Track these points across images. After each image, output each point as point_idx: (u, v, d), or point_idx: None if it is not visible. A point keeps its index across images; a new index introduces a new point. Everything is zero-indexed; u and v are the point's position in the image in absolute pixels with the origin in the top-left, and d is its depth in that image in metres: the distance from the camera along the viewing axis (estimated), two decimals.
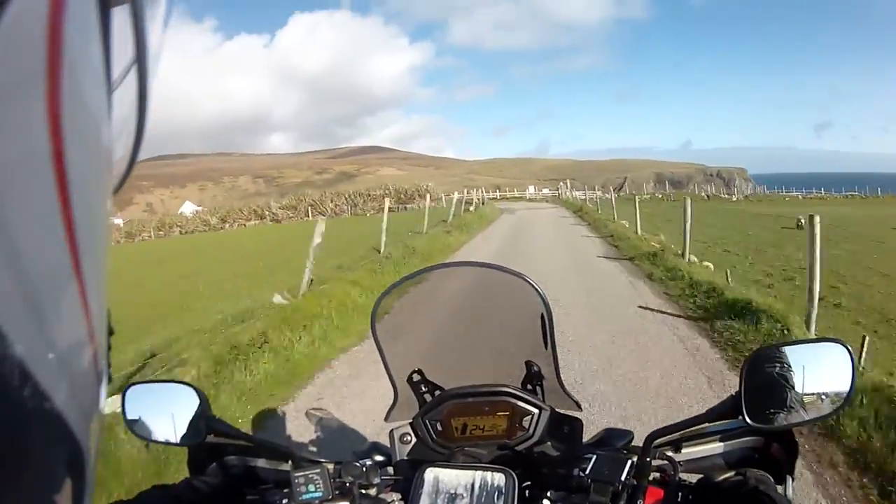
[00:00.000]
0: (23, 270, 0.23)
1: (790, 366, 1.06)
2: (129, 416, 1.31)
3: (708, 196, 75.87)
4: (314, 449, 3.39)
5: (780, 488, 1.08)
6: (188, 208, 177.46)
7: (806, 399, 1.05)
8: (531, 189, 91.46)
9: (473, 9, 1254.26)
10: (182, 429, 1.25)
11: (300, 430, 4.59)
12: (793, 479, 1.12)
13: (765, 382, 1.06)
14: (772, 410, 1.05)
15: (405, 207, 55.83)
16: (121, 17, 0.30)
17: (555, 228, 25.73)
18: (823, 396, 1.06)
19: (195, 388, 1.29)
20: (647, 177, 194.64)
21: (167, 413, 1.27)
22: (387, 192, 60.27)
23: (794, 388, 1.05)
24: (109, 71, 0.30)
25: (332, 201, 66.36)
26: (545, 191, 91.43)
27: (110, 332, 0.35)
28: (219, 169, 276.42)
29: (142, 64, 0.32)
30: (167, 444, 1.28)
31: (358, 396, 5.70)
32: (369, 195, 64.06)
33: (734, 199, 74.75)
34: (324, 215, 38.64)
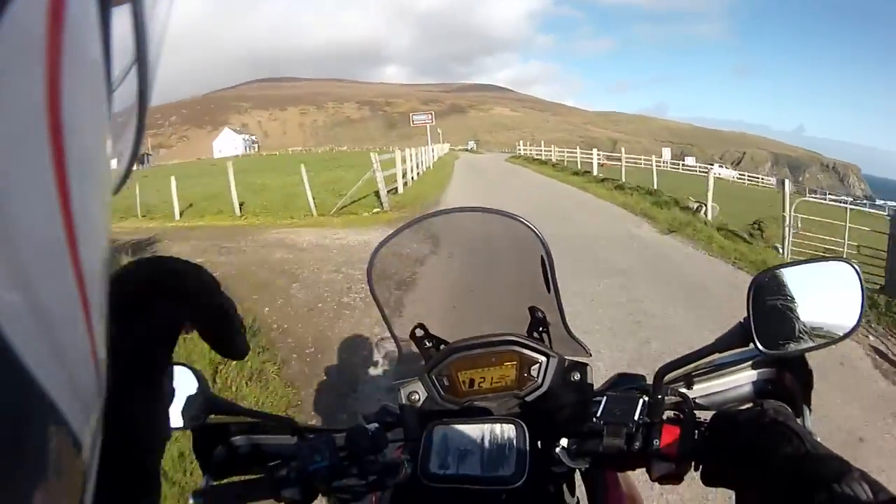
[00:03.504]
0: (22, 270, 0.23)
1: (798, 287, 1.00)
2: None
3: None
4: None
5: (798, 420, 0.96)
6: (228, 142, 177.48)
7: (815, 323, 0.99)
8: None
9: None
10: (180, 412, 1.16)
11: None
12: (810, 411, 1.04)
13: (772, 307, 1.00)
14: (782, 336, 0.99)
15: None
16: (121, 17, 0.30)
17: None
18: (833, 319, 1.00)
19: (191, 368, 1.20)
20: (764, 157, 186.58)
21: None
22: None
23: (804, 311, 0.99)
24: (109, 71, 0.30)
25: None
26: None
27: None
28: (324, 94, 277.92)
29: (142, 63, 0.33)
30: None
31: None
32: None
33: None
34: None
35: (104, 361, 0.31)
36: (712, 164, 73.81)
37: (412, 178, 22.87)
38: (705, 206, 14.62)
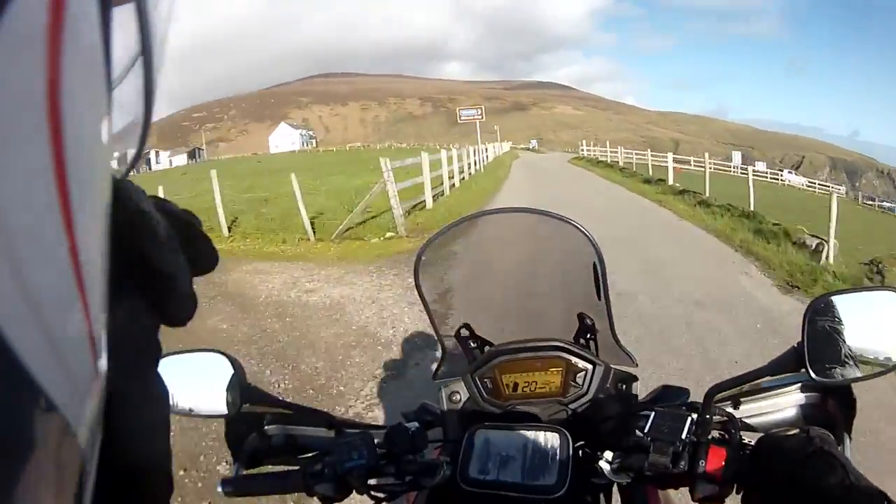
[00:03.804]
0: (22, 270, 0.23)
1: (847, 315, 0.99)
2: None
3: None
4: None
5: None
6: (284, 137, 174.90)
7: (865, 351, 0.98)
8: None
9: None
10: (217, 400, 1.18)
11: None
12: (850, 439, 1.04)
13: (825, 334, 0.99)
14: (832, 364, 0.98)
15: None
16: (123, 16, 0.30)
17: None
18: (883, 348, 0.98)
19: (228, 356, 1.21)
20: (822, 161, 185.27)
21: (201, 384, 1.20)
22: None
23: (853, 339, 0.98)
24: (110, 70, 0.30)
25: None
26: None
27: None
28: (386, 89, 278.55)
29: (147, 60, 0.33)
30: (202, 416, 1.21)
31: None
32: None
33: None
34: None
35: (104, 360, 0.31)
36: (781, 170, 70.29)
37: (454, 183, 19.23)
38: (825, 242, 9.44)
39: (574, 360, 1.23)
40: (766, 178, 51.68)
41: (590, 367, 1.23)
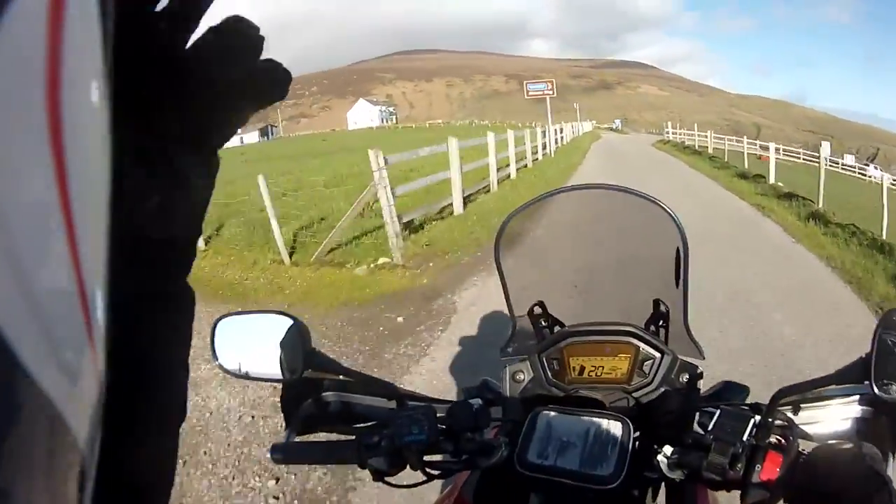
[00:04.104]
0: (22, 270, 0.23)
1: None
2: (219, 352, 1.22)
3: None
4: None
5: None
6: (364, 113, 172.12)
7: None
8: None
9: None
10: (278, 363, 1.15)
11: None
12: (895, 460, 1.03)
13: (891, 349, 0.96)
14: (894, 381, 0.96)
15: None
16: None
17: None
18: None
19: (293, 318, 1.18)
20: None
21: (262, 346, 1.17)
22: None
23: None
24: (110, 71, 0.30)
25: None
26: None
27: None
28: (471, 66, 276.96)
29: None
30: (261, 380, 1.22)
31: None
32: None
33: None
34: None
35: (104, 360, 0.31)
36: (867, 164, 64.43)
37: (510, 173, 15.99)
38: None
39: (643, 346, 1.21)
40: (854, 172, 45.35)
41: (658, 355, 1.21)
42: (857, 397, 1.10)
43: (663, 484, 1.18)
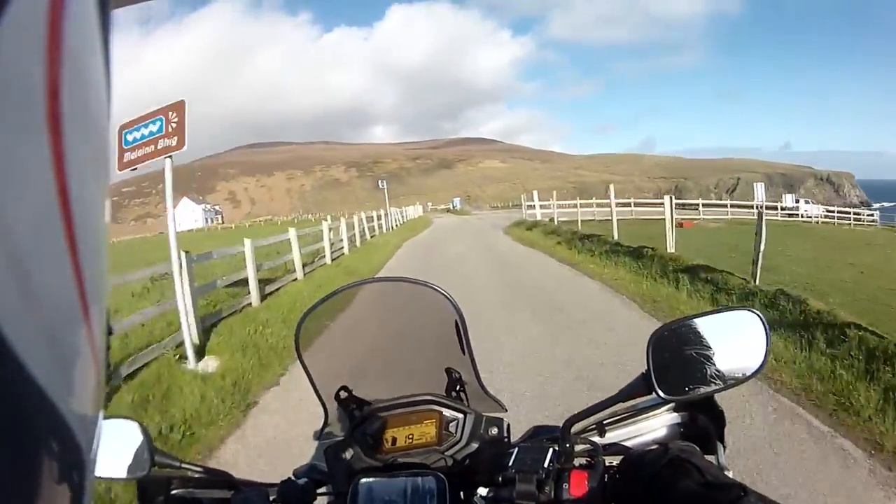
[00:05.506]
0: (22, 271, 0.23)
1: (702, 336, 1.09)
2: None
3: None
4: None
5: (712, 458, 1.14)
6: (187, 214, 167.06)
7: (720, 368, 1.07)
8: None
9: (572, 3, 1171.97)
10: (126, 464, 1.27)
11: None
12: (724, 448, 1.18)
13: (675, 355, 1.09)
14: (683, 383, 1.07)
15: None
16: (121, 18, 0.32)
17: None
18: (738, 364, 1.09)
19: (138, 423, 1.30)
20: (757, 179, 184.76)
21: (111, 449, 1.28)
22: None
23: (707, 358, 1.08)
24: (109, 71, 0.30)
25: None
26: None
27: (109, 332, 0.30)
28: (311, 157, 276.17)
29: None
30: (113, 479, 1.30)
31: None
32: None
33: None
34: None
35: (104, 361, 0.31)
36: (798, 201, 61.86)
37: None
38: None
39: (446, 411, 1.30)
40: (800, 217, 48.67)
41: (461, 416, 1.30)
42: (664, 407, 1.24)
43: None
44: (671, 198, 15.50)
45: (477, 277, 13.70)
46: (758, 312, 1.13)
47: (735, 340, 1.10)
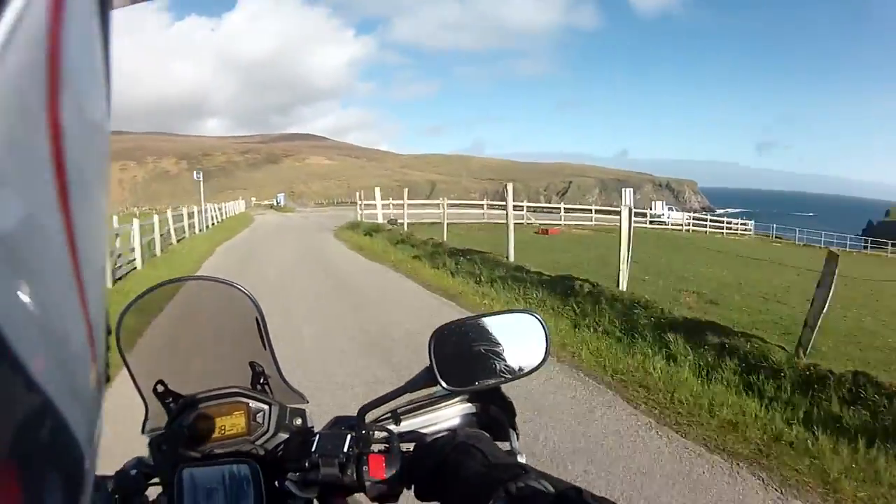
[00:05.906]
0: (22, 271, 0.23)
1: (490, 334, 1.23)
2: None
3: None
4: None
5: (506, 444, 1.23)
6: None
7: (505, 362, 1.21)
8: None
9: (420, 7, 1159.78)
10: None
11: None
12: (517, 434, 1.27)
13: (461, 351, 1.22)
14: (467, 375, 1.21)
15: None
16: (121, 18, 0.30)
17: None
18: (521, 359, 1.22)
19: None
20: (591, 183, 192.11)
21: None
22: None
23: (495, 354, 1.21)
24: (109, 71, 0.31)
25: None
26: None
27: (108, 333, 0.35)
28: (146, 148, 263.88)
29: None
30: None
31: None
32: None
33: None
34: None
35: (104, 361, 0.31)
36: (663, 211, 60.80)
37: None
38: None
39: (252, 403, 1.34)
40: (665, 221, 49.59)
41: (266, 407, 1.35)
42: (458, 398, 1.32)
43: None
44: (504, 196, 13.79)
45: (316, 321, 8.75)
46: (537, 315, 1.24)
47: (519, 338, 1.22)
